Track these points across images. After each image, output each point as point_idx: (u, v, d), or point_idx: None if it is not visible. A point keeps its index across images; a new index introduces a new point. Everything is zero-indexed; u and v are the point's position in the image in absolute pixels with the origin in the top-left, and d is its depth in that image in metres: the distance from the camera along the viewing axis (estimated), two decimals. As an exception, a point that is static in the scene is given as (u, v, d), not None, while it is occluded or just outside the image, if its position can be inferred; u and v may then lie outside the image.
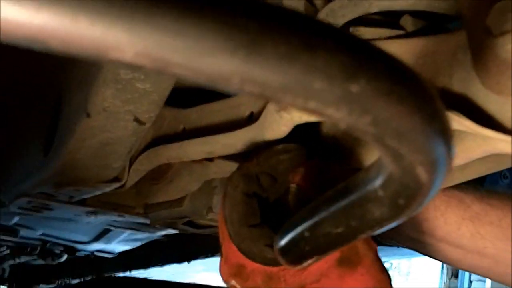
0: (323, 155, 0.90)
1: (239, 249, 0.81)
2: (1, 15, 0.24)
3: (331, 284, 0.79)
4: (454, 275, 6.73)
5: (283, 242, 0.68)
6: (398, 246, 1.20)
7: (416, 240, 0.99)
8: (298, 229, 0.62)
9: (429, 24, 0.73)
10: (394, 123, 0.32)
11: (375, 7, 0.70)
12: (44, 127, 1.12)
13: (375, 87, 0.30)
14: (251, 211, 0.82)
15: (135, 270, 2.74)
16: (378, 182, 0.44)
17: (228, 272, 0.85)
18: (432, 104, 0.33)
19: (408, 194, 0.41)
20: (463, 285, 6.60)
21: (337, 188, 0.56)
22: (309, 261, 0.67)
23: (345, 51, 0.29)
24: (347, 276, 0.79)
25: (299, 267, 0.70)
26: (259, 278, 0.82)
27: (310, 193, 0.82)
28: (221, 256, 0.88)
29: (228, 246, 0.83)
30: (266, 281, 0.81)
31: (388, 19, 0.74)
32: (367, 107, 0.30)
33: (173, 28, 0.26)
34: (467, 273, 6.58)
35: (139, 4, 0.26)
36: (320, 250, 0.63)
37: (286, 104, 0.29)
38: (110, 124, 0.93)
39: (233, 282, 0.85)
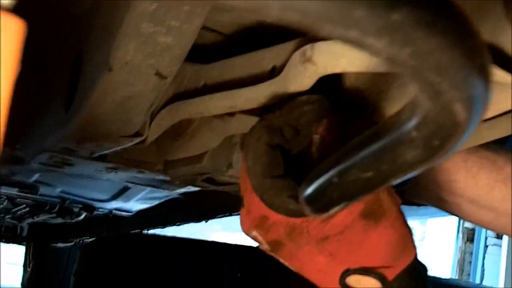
0: (346, 109, 0.90)
1: (262, 200, 0.81)
2: None
3: (355, 236, 0.80)
4: (470, 239, 6.74)
5: (310, 189, 0.68)
6: (422, 205, 1.20)
7: (445, 201, 0.99)
8: (326, 176, 0.62)
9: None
10: (434, 55, 0.31)
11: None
12: (64, 83, 1.12)
13: (417, 17, 0.30)
14: (275, 162, 0.81)
15: (152, 228, 2.77)
16: (412, 123, 0.44)
17: (250, 223, 0.85)
18: (473, 39, 0.32)
19: (443, 134, 0.41)
20: (478, 249, 6.61)
21: (367, 133, 0.55)
22: (337, 208, 0.66)
23: (387, -22, 0.29)
24: (371, 229, 0.79)
25: (325, 215, 0.70)
26: (281, 229, 0.82)
27: (334, 145, 0.82)
28: (243, 207, 0.88)
29: (250, 197, 0.83)
30: (288, 232, 0.82)
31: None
32: (408, 37, 0.30)
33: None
34: (483, 238, 6.59)
35: None
36: (348, 196, 0.63)
37: (326, 33, 0.29)
38: (132, 78, 0.93)
39: (255, 233, 0.85)
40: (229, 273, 1.44)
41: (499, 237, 6.33)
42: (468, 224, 6.81)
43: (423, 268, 0.88)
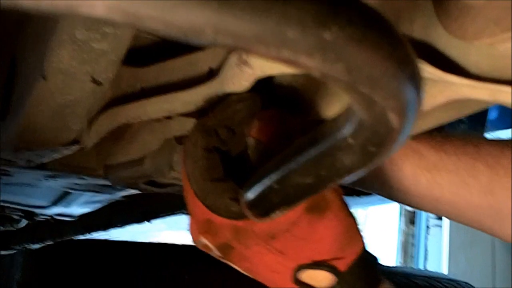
0: (282, 107, 0.90)
1: (205, 204, 0.81)
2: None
3: (302, 231, 0.80)
4: (412, 221, 6.86)
5: (250, 195, 0.68)
6: (363, 194, 1.22)
7: (378, 189, 1.01)
8: (266, 182, 0.63)
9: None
10: (367, 69, 0.32)
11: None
12: (-2, 91, 1.10)
13: (348, 34, 0.30)
14: (213, 165, 0.81)
15: (95, 232, 2.73)
16: (348, 130, 0.45)
17: (197, 229, 0.85)
18: (403, 49, 0.33)
19: (378, 140, 0.42)
20: (420, 231, 6.73)
21: (305, 139, 0.56)
22: (278, 213, 0.67)
23: (316, -2, 0.29)
24: (316, 222, 0.80)
25: (267, 220, 0.70)
26: (227, 232, 0.82)
27: (269, 144, 0.82)
28: (190, 215, 0.88)
29: (194, 203, 0.83)
30: (235, 234, 0.82)
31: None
32: (340, 54, 0.31)
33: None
34: (424, 220, 6.71)
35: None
36: (289, 201, 0.63)
37: (259, 54, 0.29)
38: (68, 86, 0.91)
39: (203, 240, 0.85)
40: (176, 275, 1.43)
41: (439, 218, 6.47)
42: (408, 208, 6.93)
43: (373, 258, 0.89)
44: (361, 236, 0.88)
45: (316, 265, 0.83)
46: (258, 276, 0.87)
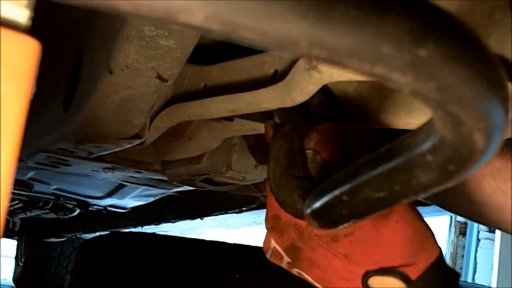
0: (346, 116, 0.90)
1: (276, 198, 0.80)
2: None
3: (366, 235, 0.77)
4: (462, 233, 6.76)
5: (317, 205, 0.67)
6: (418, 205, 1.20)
7: (437, 196, 0.98)
8: (335, 193, 0.61)
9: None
10: (459, 89, 0.31)
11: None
12: (63, 82, 1.12)
13: (443, 52, 0.30)
14: (294, 163, 0.81)
15: (146, 225, 2.76)
16: (427, 146, 0.44)
17: (268, 226, 0.84)
18: (496, 70, 0.32)
19: (460, 160, 0.40)
20: (471, 243, 6.63)
21: (379, 152, 0.55)
22: (345, 225, 0.66)
23: (414, 15, 0.29)
24: (381, 225, 0.77)
25: (332, 230, 0.69)
26: (292, 231, 0.81)
27: (327, 157, 0.81)
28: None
29: (269, 200, 0.83)
30: (299, 234, 0.81)
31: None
32: (434, 72, 0.30)
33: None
34: (475, 231, 6.61)
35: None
36: (358, 214, 0.62)
37: (352, 69, 0.29)
38: (133, 81, 0.92)
39: (273, 243, 0.84)
40: (227, 274, 1.43)
41: (491, 231, 6.36)
42: (460, 218, 6.84)
43: (453, 272, 0.82)
44: (435, 242, 0.81)
45: (384, 271, 0.78)
46: (330, 285, 0.83)
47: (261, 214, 2.05)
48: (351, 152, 0.82)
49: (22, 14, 0.36)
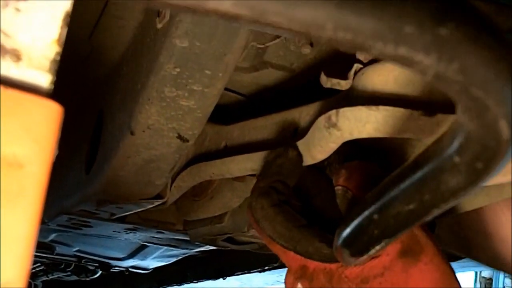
0: (368, 154, 0.90)
1: (296, 252, 0.80)
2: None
3: (396, 277, 0.76)
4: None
5: (346, 232, 0.67)
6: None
7: (459, 241, 0.96)
8: (365, 214, 0.61)
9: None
10: (481, 70, 0.33)
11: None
12: (85, 144, 1.12)
13: (463, 32, 0.32)
14: (291, 215, 0.82)
15: (169, 286, 2.74)
16: (454, 147, 0.44)
17: (293, 278, 0.84)
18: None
19: (487, 155, 0.41)
20: (497, 298, 6.53)
21: (406, 165, 0.55)
22: (377, 247, 0.65)
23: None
24: (411, 267, 0.76)
25: (364, 258, 0.68)
26: (322, 276, 0.81)
27: (357, 192, 0.82)
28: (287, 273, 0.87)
29: (286, 256, 0.83)
30: (328, 279, 0.80)
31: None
32: (456, 52, 0.32)
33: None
34: (500, 286, 6.51)
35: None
36: (390, 232, 0.61)
37: (377, 53, 0.30)
38: (154, 142, 0.93)
39: (299, 286, 0.84)
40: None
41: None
42: (485, 274, 6.74)
43: None
44: (459, 286, 0.80)
45: None
46: None
47: (284, 273, 2.04)
48: None
49: (44, 79, 0.36)
